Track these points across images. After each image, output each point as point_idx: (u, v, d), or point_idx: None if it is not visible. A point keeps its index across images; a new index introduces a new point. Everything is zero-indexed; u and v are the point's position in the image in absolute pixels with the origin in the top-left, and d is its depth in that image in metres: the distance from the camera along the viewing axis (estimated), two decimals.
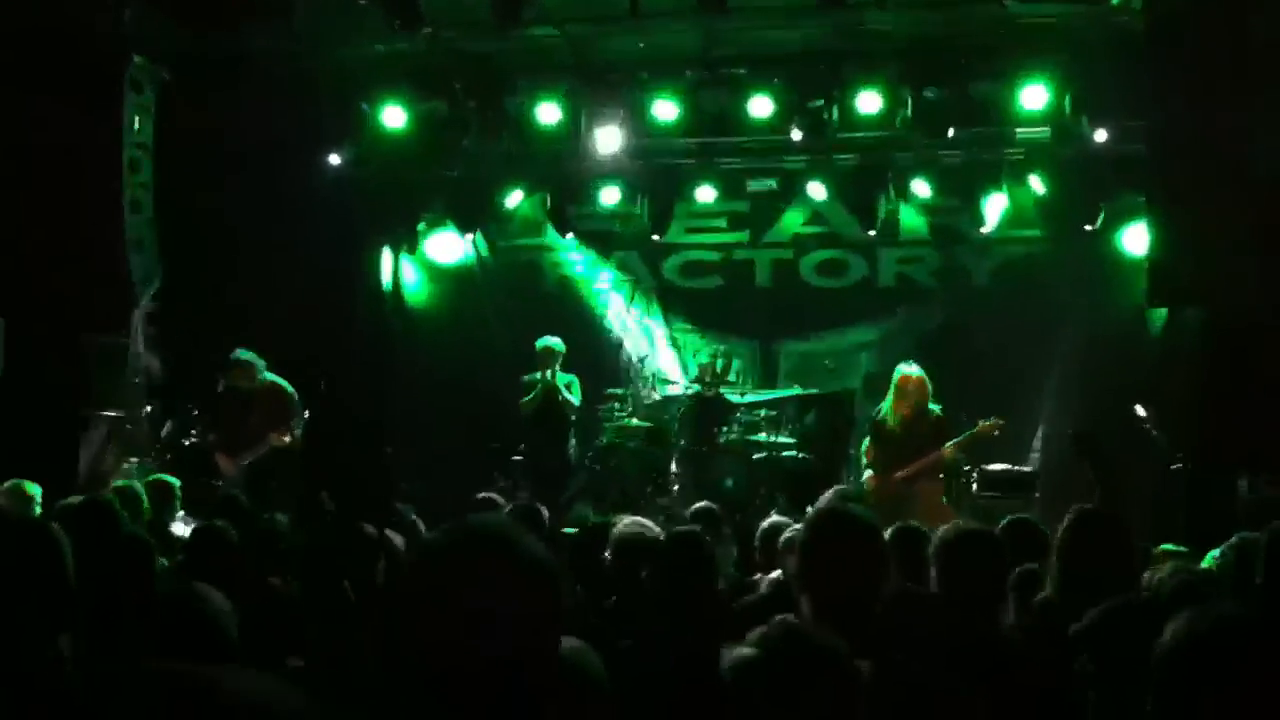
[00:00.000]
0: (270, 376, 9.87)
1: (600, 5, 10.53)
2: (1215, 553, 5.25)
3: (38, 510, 6.70)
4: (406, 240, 13.77)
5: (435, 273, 14.08)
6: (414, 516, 6.87)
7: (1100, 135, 11.08)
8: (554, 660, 1.92)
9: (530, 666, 1.87)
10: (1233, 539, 5.17)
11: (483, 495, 8.27)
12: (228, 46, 10.93)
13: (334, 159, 12.52)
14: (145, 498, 7.21)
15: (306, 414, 9.90)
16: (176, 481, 7.97)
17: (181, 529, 7.22)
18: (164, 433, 10.44)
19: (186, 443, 10.22)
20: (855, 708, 2.58)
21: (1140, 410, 11.30)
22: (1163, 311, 11.81)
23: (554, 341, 11.69)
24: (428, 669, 1.87)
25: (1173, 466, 10.41)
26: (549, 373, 11.53)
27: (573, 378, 11.81)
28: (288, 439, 9.64)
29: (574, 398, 11.72)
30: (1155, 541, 6.51)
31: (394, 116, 11.85)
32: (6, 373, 9.75)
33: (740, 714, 2.58)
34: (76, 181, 10.26)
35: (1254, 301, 9.85)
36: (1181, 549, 6.10)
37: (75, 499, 6.08)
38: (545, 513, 7.27)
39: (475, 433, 13.18)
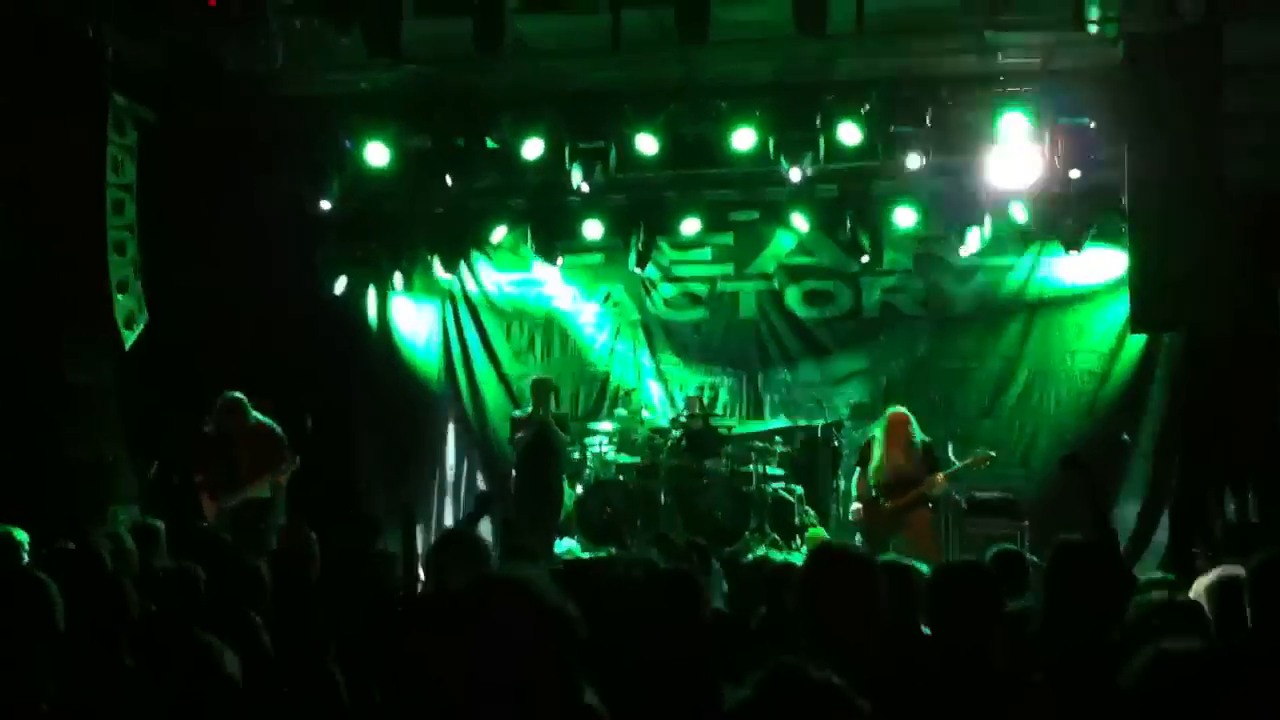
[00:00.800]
0: (258, 417, 9.84)
1: (582, 38, 10.55)
2: (1203, 583, 5.25)
3: (25, 558, 6.65)
4: (391, 277, 13.75)
5: (420, 309, 14.07)
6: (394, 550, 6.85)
7: (1079, 166, 11.14)
8: (573, 701, 1.93)
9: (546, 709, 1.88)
10: (1215, 572, 5.17)
11: (451, 529, 8.21)
12: (210, 83, 10.93)
13: (316, 194, 12.50)
14: (130, 542, 7.16)
15: (296, 457, 9.86)
16: (160, 524, 7.91)
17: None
18: (149, 474, 10.39)
19: (171, 484, 10.15)
20: None
21: (1125, 436, 11.37)
22: (1142, 337, 11.89)
23: (545, 376, 11.79)
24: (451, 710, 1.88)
25: (1157, 493, 10.44)
26: (542, 408, 11.58)
27: (562, 413, 11.89)
28: (267, 490, 9.61)
29: (565, 432, 11.81)
30: (1140, 568, 6.53)
31: (377, 153, 11.84)
32: None
33: None
34: (60, 221, 10.23)
35: (1233, 326, 9.92)
36: (1168, 576, 6.10)
37: (63, 543, 6.06)
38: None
39: (462, 467, 13.19)
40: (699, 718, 3.36)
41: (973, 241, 12.58)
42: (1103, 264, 12.31)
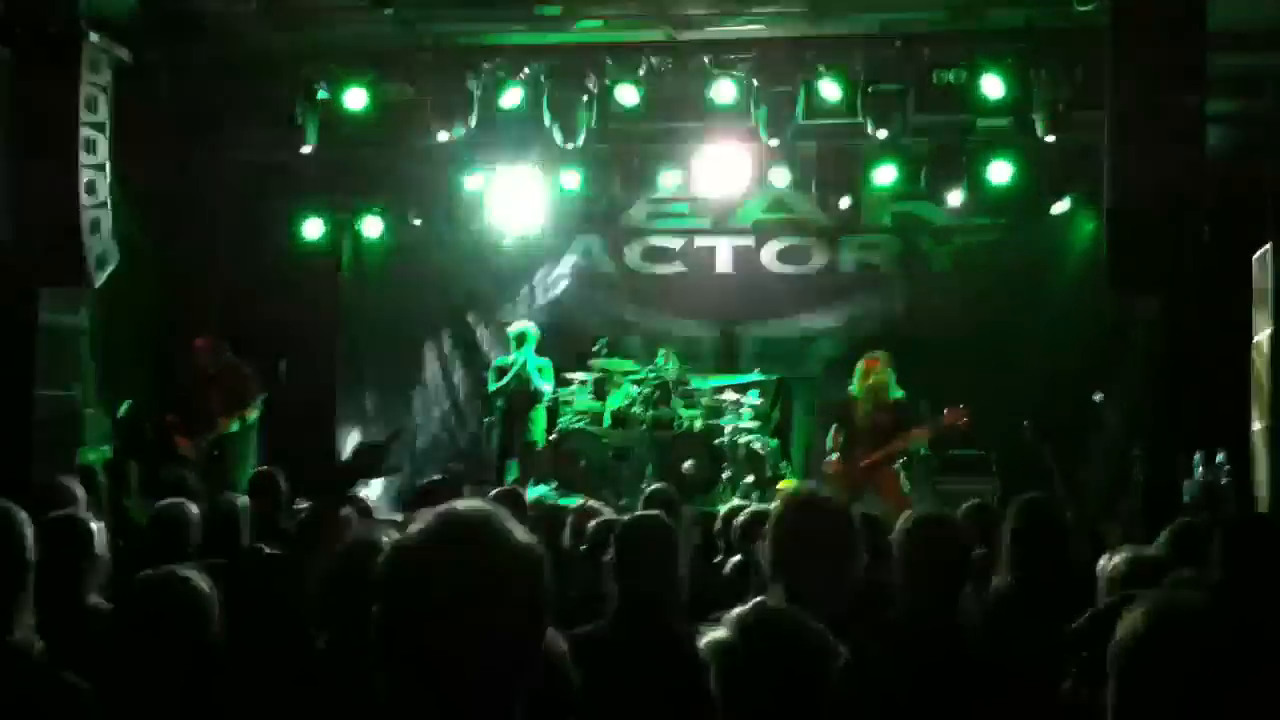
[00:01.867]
0: (230, 356, 9.81)
1: None
2: (1161, 538, 5.28)
3: None
4: (367, 223, 13.67)
5: (396, 255, 14.01)
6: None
7: (1059, 127, 11.15)
8: (539, 646, 1.92)
9: (516, 652, 1.87)
10: (1174, 524, 5.20)
11: (431, 481, 8.20)
12: (187, 25, 10.81)
13: (293, 139, 12.40)
14: (103, 478, 7.15)
15: (264, 396, 9.84)
16: (133, 462, 7.89)
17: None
18: (120, 413, 10.35)
19: (143, 423, 10.12)
20: (833, 689, 2.58)
21: (1097, 396, 11.43)
22: (1115, 299, 11.94)
23: (527, 326, 11.78)
24: (414, 658, 1.86)
25: (1131, 452, 10.52)
26: (523, 358, 11.60)
27: (546, 362, 11.86)
28: (236, 425, 9.60)
29: (548, 381, 11.80)
30: (1109, 525, 6.57)
31: (355, 98, 11.74)
32: None
33: (718, 696, 2.58)
34: (32, 159, 10.13)
35: (1207, 291, 9.97)
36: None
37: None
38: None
39: (436, 415, 13.19)
40: (668, 660, 3.37)
41: (952, 201, 12.59)
42: (1080, 225, 12.35)
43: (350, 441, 12.76)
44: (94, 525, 4.27)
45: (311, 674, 3.24)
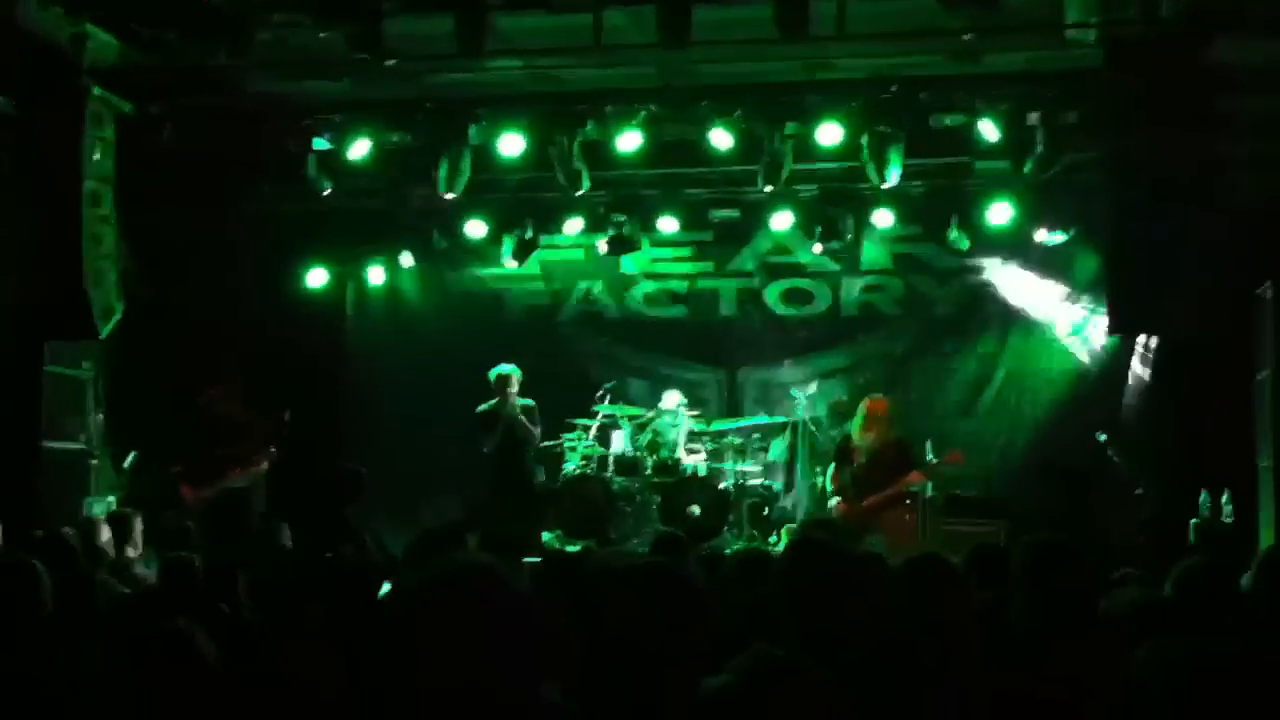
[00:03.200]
0: (242, 408, 9.82)
1: (563, 36, 10.55)
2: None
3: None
4: (370, 273, 13.73)
5: (399, 306, 14.05)
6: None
7: (1057, 168, 11.20)
8: (537, 691, 1.93)
9: (515, 698, 1.88)
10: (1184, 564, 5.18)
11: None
12: (190, 77, 10.90)
13: (297, 189, 12.47)
14: (105, 532, 7.15)
15: (274, 451, 9.85)
16: (137, 514, 7.89)
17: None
18: (126, 464, 10.36)
19: (148, 473, 10.13)
20: None
21: (1101, 436, 11.42)
22: (1117, 339, 11.96)
23: (508, 368, 11.69)
24: (419, 697, 1.87)
25: (1135, 492, 10.49)
26: (509, 403, 11.53)
27: (530, 403, 11.82)
28: (246, 480, 9.59)
29: (534, 425, 11.75)
30: (1116, 566, 6.54)
31: (358, 149, 11.82)
32: None
33: None
34: (35, 213, 10.19)
35: (1209, 330, 9.98)
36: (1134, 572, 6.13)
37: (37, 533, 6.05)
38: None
39: (437, 464, 13.18)
40: (679, 708, 3.36)
41: (952, 244, 12.62)
42: (1081, 266, 12.38)
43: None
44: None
45: None
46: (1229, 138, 9.91)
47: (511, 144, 11.63)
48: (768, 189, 11.62)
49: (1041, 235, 12.21)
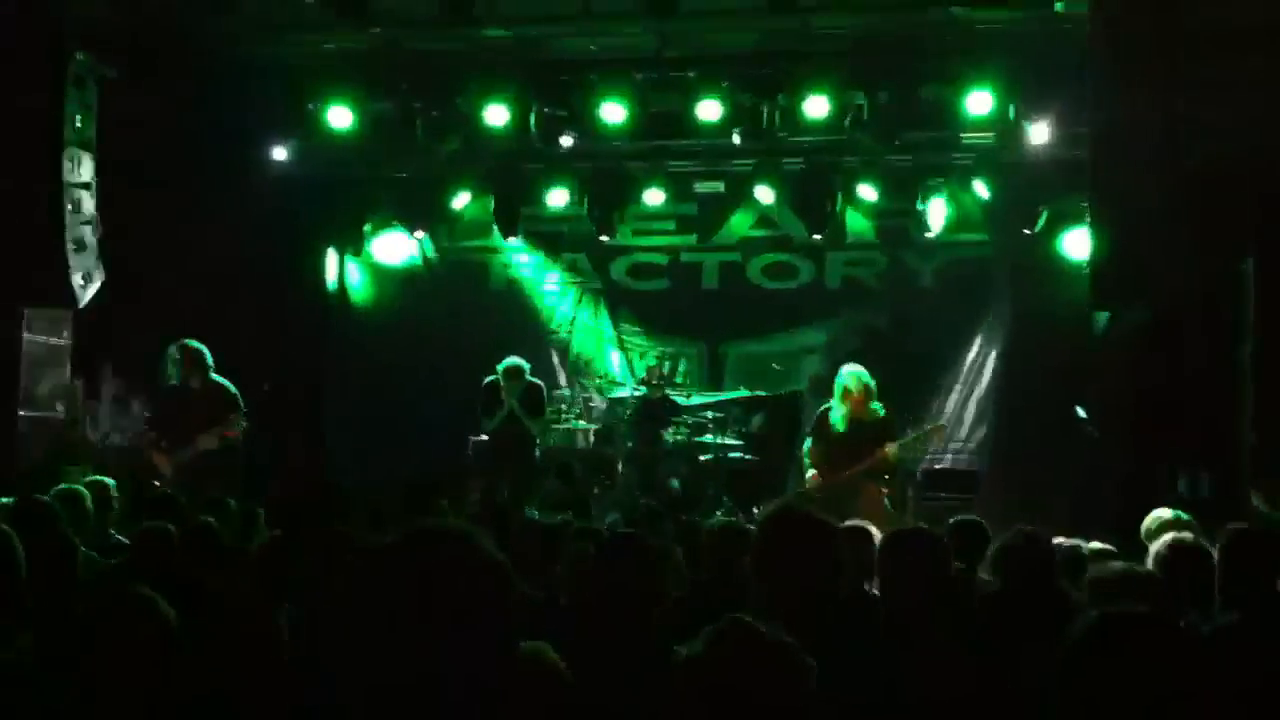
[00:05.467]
0: (215, 378, 9.77)
1: (551, 5, 10.51)
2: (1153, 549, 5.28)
3: None
4: (352, 241, 13.69)
5: (381, 274, 14.03)
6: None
7: (1043, 139, 11.20)
8: (513, 657, 1.93)
9: (489, 663, 1.89)
10: (1166, 538, 5.20)
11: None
12: (174, 41, 10.82)
13: (279, 157, 12.43)
14: (89, 500, 7.11)
15: (246, 416, 9.81)
16: (113, 482, 7.86)
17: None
18: (100, 433, 10.32)
19: (122, 443, 10.10)
20: (805, 706, 2.58)
21: (1080, 412, 11.45)
22: (1104, 315, 11.96)
23: (516, 362, 11.45)
24: (393, 667, 1.88)
25: (1107, 466, 10.51)
26: (511, 397, 11.37)
27: (539, 382, 11.66)
28: (216, 442, 9.56)
29: (535, 416, 11.56)
30: (1088, 538, 6.56)
31: (340, 116, 11.75)
32: None
33: (690, 711, 2.58)
34: (17, 177, 10.12)
35: (1194, 300, 9.98)
36: (1110, 548, 6.15)
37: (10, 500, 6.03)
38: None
39: (424, 435, 13.17)
40: (652, 676, 3.37)
41: (935, 216, 12.63)
42: (1064, 240, 12.39)
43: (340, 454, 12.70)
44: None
45: None
46: (1214, 106, 9.91)
47: (496, 114, 11.59)
48: (756, 157, 11.59)
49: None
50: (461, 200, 13.33)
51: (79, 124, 10.54)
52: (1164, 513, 6.36)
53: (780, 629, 2.79)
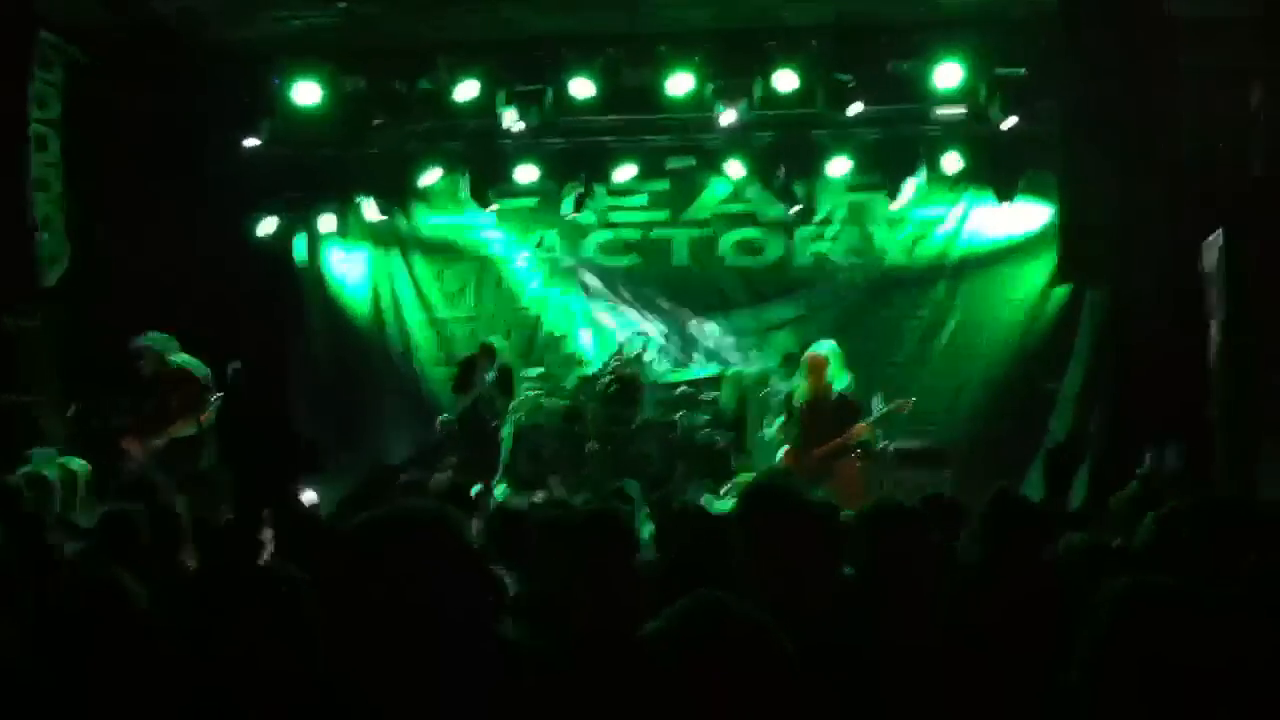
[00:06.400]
0: (181, 359, 9.71)
1: None
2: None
3: None
4: (321, 219, 13.59)
5: (352, 253, 13.95)
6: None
7: (1013, 115, 11.23)
8: (488, 638, 1.94)
9: (462, 645, 1.89)
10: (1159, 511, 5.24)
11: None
12: (139, 19, 10.73)
13: (248, 136, 12.32)
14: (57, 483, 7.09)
15: (218, 396, 9.77)
16: (84, 466, 7.83)
17: None
18: (69, 415, 10.25)
19: (93, 426, 10.03)
20: (780, 683, 2.57)
21: (1050, 386, 11.52)
22: (1064, 289, 12.04)
23: (491, 341, 11.61)
24: (360, 647, 1.88)
25: (1078, 442, 10.57)
26: (484, 374, 11.45)
27: (508, 365, 11.75)
28: (190, 429, 9.52)
29: (505, 397, 11.66)
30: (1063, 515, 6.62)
31: (308, 93, 11.67)
32: None
33: (659, 687, 2.57)
34: None
35: (1159, 277, 10.04)
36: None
37: None
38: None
39: (396, 414, 13.15)
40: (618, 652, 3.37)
41: (906, 191, 12.65)
42: (1032, 216, 12.43)
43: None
44: None
45: None
46: (1182, 89, 9.95)
47: (467, 90, 11.53)
48: (727, 131, 11.56)
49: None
50: (431, 176, 13.24)
51: (44, 103, 10.45)
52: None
53: (753, 604, 2.79)
